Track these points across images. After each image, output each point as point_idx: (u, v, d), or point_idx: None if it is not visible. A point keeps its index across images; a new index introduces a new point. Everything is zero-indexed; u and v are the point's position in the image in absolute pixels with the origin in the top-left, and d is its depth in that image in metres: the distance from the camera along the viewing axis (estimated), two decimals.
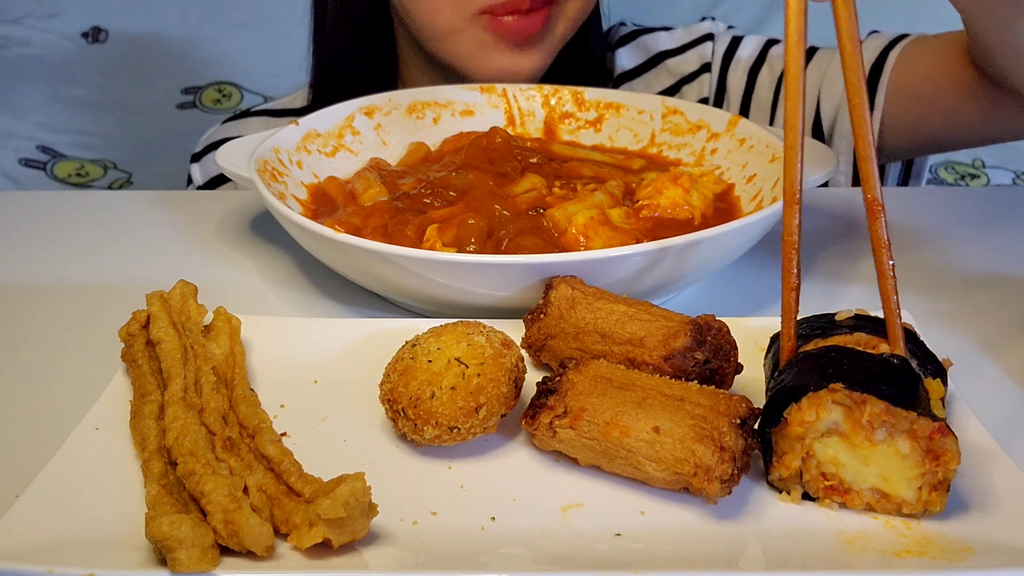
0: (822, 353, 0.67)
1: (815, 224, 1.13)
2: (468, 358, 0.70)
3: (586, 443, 0.66)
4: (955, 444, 0.61)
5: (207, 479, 0.61)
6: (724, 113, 1.14)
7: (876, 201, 0.69)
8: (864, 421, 0.62)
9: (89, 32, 2.93)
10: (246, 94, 2.85)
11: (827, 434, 0.64)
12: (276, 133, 1.08)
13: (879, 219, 0.68)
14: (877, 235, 0.69)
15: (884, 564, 0.60)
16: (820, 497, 0.65)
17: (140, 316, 0.79)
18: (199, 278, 0.84)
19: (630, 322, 0.76)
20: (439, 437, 0.68)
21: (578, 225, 0.93)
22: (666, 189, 1.00)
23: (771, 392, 0.68)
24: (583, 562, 0.61)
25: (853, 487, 0.64)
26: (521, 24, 1.24)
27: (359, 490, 0.59)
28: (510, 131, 1.19)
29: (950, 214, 1.18)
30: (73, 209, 1.22)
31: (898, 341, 0.68)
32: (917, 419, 0.62)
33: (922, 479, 0.63)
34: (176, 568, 0.56)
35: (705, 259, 0.88)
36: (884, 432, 0.62)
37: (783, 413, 0.64)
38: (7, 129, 2.58)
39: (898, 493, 0.64)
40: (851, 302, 0.93)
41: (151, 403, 0.70)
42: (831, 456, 0.64)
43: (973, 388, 0.78)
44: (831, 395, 0.63)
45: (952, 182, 2.32)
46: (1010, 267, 1.03)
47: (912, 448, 0.62)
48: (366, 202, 1.00)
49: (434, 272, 0.83)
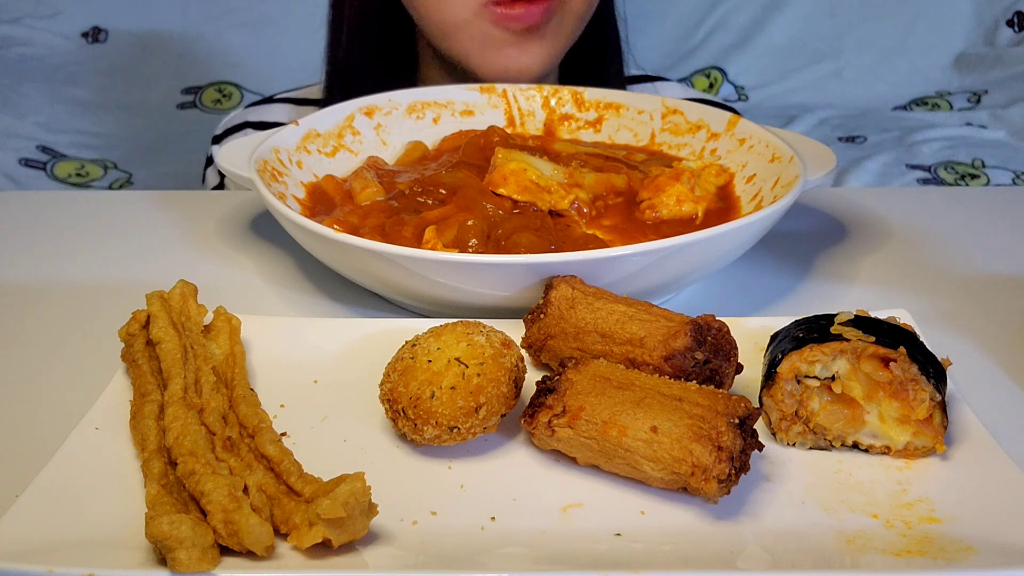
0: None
1: (815, 224, 1.13)
2: (468, 358, 0.70)
3: (584, 442, 0.66)
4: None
5: (207, 479, 0.61)
6: (724, 113, 1.14)
7: None
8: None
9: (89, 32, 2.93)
10: (246, 94, 2.85)
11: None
12: (276, 133, 1.08)
13: None
14: None
15: (884, 564, 0.60)
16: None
17: (140, 316, 0.79)
18: (199, 278, 0.84)
19: (630, 322, 0.76)
20: (439, 437, 0.68)
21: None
22: (668, 186, 1.00)
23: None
24: (583, 562, 0.61)
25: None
26: (523, 13, 1.24)
27: (359, 490, 0.59)
28: (509, 131, 1.19)
29: (950, 214, 1.18)
30: (73, 209, 1.22)
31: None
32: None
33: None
34: (176, 568, 0.56)
35: (705, 259, 0.88)
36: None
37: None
38: (7, 129, 2.58)
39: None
40: (851, 302, 0.93)
41: (151, 403, 0.70)
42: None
43: (973, 388, 0.78)
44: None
45: (952, 182, 2.32)
46: (1010, 267, 1.03)
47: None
48: (363, 201, 1.00)
49: (434, 272, 0.83)
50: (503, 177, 0.99)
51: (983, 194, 1.54)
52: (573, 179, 1.01)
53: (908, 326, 0.73)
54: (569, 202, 0.99)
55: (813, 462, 0.70)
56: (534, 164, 1.01)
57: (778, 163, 1.00)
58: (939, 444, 0.69)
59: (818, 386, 0.71)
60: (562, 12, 1.28)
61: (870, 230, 1.12)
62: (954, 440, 0.70)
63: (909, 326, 0.73)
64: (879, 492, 0.67)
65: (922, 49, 2.89)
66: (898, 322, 0.73)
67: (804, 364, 0.70)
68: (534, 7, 1.24)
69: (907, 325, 0.73)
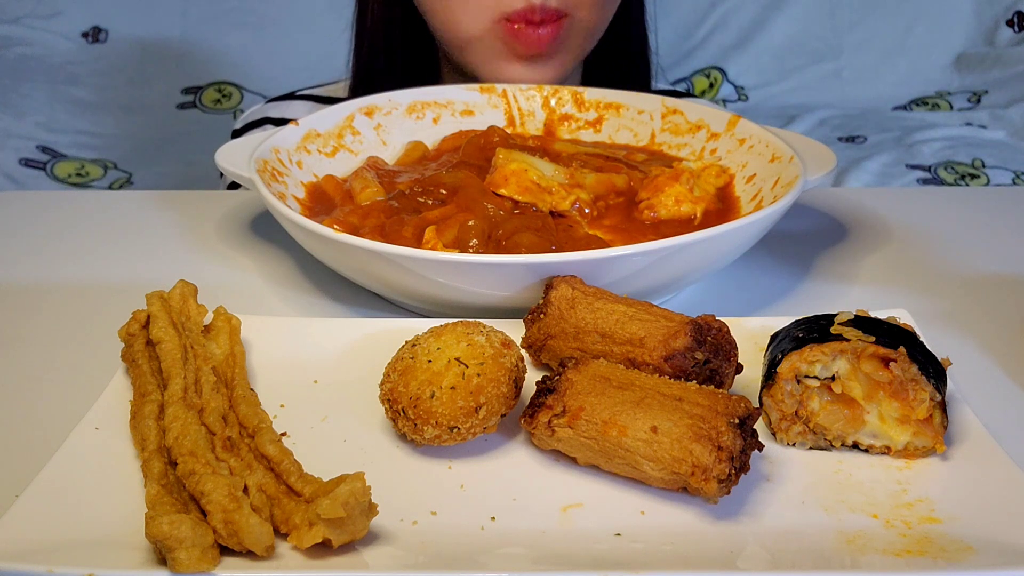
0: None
1: (815, 224, 1.13)
2: (468, 358, 0.70)
3: (584, 442, 0.66)
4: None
5: (207, 479, 0.61)
6: (724, 113, 1.14)
7: None
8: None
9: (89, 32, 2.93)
10: (246, 94, 2.85)
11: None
12: (276, 133, 1.08)
13: None
14: None
15: (884, 564, 0.60)
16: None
17: (140, 316, 0.79)
18: (199, 278, 0.84)
19: (630, 322, 0.76)
20: (439, 437, 0.68)
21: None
22: (667, 187, 1.00)
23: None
24: (583, 562, 0.61)
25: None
26: (532, 37, 1.25)
27: (359, 490, 0.59)
28: (509, 131, 1.19)
29: (950, 214, 1.18)
30: (73, 209, 1.22)
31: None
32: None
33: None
34: (176, 568, 0.56)
35: (705, 259, 0.88)
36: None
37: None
38: (7, 129, 2.58)
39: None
40: (851, 302, 0.93)
41: (151, 403, 0.70)
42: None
43: (973, 388, 0.78)
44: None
45: (952, 182, 2.32)
46: (1010, 267, 1.03)
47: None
48: (363, 201, 1.00)
49: (434, 272, 0.83)
50: (504, 178, 0.99)
51: (983, 194, 1.54)
52: (574, 180, 1.01)
53: (908, 326, 0.73)
54: (570, 203, 0.99)
55: (813, 462, 0.70)
56: (535, 165, 1.01)
57: (778, 163, 1.00)
58: (939, 444, 0.69)
59: (818, 386, 0.71)
60: (571, 29, 1.28)
61: (870, 230, 1.12)
62: (954, 440, 0.70)
63: (909, 326, 0.73)
64: (879, 492, 0.67)
65: (922, 49, 2.89)
66: (898, 322, 0.73)
67: (804, 364, 0.70)
68: (544, 30, 1.25)
69: (907, 325, 0.73)
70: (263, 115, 1.52)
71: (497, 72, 1.30)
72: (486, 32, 1.27)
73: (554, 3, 1.23)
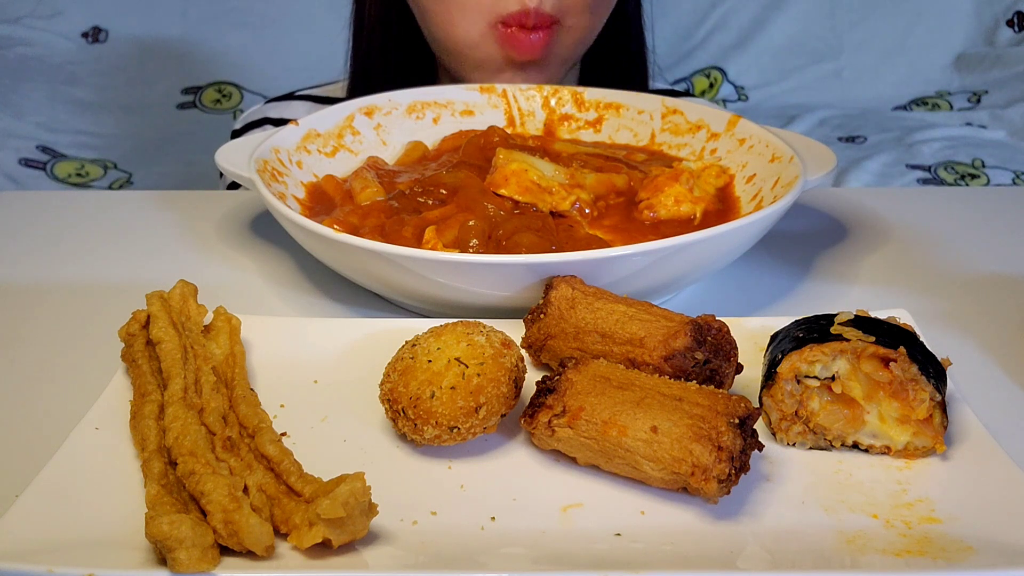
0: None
1: (815, 224, 1.13)
2: (468, 358, 0.70)
3: (584, 442, 0.66)
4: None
5: (207, 479, 0.61)
6: (724, 113, 1.14)
7: None
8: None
9: (89, 32, 2.93)
10: (246, 94, 2.85)
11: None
12: (276, 133, 1.08)
13: None
14: None
15: (884, 564, 0.60)
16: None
17: (140, 316, 0.79)
18: (199, 278, 0.84)
19: (630, 322, 0.76)
20: (439, 437, 0.68)
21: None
22: (666, 187, 1.00)
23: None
24: (583, 562, 0.61)
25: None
26: (526, 42, 1.25)
27: (359, 490, 0.59)
28: (509, 131, 1.19)
29: (950, 214, 1.18)
30: (73, 209, 1.22)
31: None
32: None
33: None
34: (176, 568, 0.56)
35: (705, 259, 0.88)
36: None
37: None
38: (7, 129, 2.58)
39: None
40: (851, 302, 0.93)
41: (151, 403, 0.70)
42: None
43: (973, 388, 0.78)
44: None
45: (952, 182, 2.33)
46: (1010, 267, 1.03)
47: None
48: (363, 201, 1.00)
49: (434, 272, 0.83)
50: (504, 178, 0.99)
51: (983, 194, 1.54)
52: (574, 180, 1.01)
53: (908, 326, 0.73)
54: (570, 203, 0.99)
55: (813, 462, 0.70)
56: (535, 165, 1.01)
57: (778, 163, 1.00)
58: (939, 444, 0.69)
59: (818, 386, 0.71)
60: (562, 35, 1.29)
61: (870, 230, 1.12)
62: (954, 440, 0.70)
63: (909, 326, 0.73)
64: (879, 492, 0.67)
65: (922, 49, 2.89)
66: (898, 322, 0.73)
67: (804, 364, 0.70)
68: (536, 35, 1.25)
69: (907, 325, 0.73)
70: (263, 115, 1.52)
71: (489, 80, 1.31)
72: (481, 38, 1.27)
73: (548, 8, 1.23)
